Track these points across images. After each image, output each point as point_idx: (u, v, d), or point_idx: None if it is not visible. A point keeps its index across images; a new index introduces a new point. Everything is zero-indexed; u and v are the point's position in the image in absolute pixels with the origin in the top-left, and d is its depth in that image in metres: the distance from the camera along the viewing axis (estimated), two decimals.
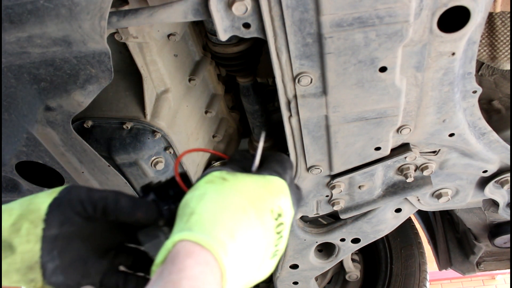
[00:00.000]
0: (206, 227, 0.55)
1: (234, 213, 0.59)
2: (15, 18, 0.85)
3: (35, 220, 0.63)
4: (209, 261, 0.52)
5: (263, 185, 0.65)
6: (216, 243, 0.53)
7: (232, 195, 0.61)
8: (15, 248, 0.62)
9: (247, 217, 0.60)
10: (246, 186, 0.64)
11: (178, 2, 0.89)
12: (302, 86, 1.03)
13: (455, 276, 4.76)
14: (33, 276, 0.63)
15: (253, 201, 0.62)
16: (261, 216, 0.61)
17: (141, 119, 1.34)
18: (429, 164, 1.36)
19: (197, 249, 0.52)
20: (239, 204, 0.60)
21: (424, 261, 2.51)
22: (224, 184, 0.63)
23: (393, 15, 0.87)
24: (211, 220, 0.57)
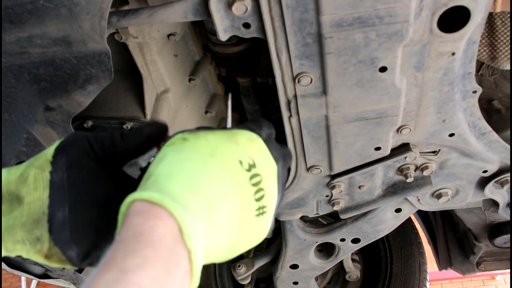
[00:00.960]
0: (161, 186, 0.51)
1: (193, 166, 0.54)
2: (15, 18, 0.85)
3: (42, 164, 0.59)
4: (160, 215, 0.47)
5: (227, 138, 0.60)
6: (168, 196, 0.48)
7: (191, 151, 0.57)
8: (22, 199, 0.57)
9: (208, 168, 0.55)
10: (208, 141, 0.59)
11: (178, 2, 0.89)
12: (302, 86, 1.03)
13: (455, 276, 4.76)
14: (38, 233, 0.56)
15: (215, 153, 0.57)
16: (226, 167, 0.56)
17: (141, 119, 1.34)
18: (429, 164, 1.36)
19: (147, 206, 0.47)
20: (198, 158, 0.56)
21: (424, 261, 2.51)
22: (184, 143, 0.59)
23: (393, 15, 0.87)
24: (166, 177, 0.52)
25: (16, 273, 2.22)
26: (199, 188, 0.52)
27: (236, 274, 2.01)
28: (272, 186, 0.61)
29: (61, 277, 2.18)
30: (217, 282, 2.59)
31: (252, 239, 0.61)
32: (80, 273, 2.09)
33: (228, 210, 0.54)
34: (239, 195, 0.56)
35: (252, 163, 0.59)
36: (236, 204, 0.56)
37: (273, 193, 0.62)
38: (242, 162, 0.58)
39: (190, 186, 0.52)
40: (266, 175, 0.60)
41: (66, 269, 2.03)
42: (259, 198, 0.59)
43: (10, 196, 0.58)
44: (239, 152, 0.59)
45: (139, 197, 0.48)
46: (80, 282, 2.22)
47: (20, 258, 1.96)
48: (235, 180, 0.56)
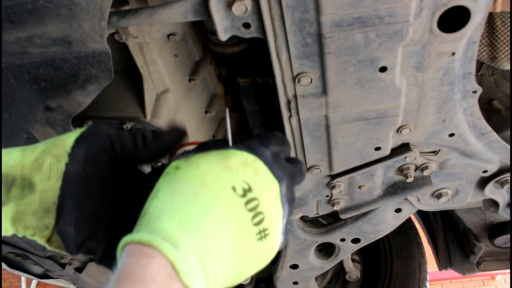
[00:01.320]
0: (152, 225, 0.51)
1: (184, 200, 0.54)
2: (15, 18, 0.85)
3: (59, 154, 0.59)
4: (152, 254, 0.48)
5: (219, 162, 0.58)
6: (158, 236, 0.49)
7: (182, 183, 0.56)
8: (35, 186, 0.58)
9: (198, 200, 0.54)
10: (199, 168, 0.57)
11: (178, 2, 0.89)
12: (302, 86, 1.03)
13: (455, 276, 4.76)
14: (48, 221, 0.59)
15: (206, 183, 0.55)
16: (218, 196, 0.55)
17: (141, 119, 1.34)
18: (429, 164, 1.36)
19: (138, 247, 0.48)
20: (189, 189, 0.55)
21: (424, 261, 2.51)
22: (176, 173, 0.57)
23: (393, 15, 0.87)
24: (158, 215, 0.52)
25: (16, 273, 2.22)
26: (190, 223, 0.52)
27: None
28: (273, 207, 0.59)
29: (61, 277, 2.18)
30: None
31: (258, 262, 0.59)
32: (80, 273, 2.09)
33: (223, 240, 0.53)
34: (234, 223, 0.55)
35: (247, 188, 0.57)
36: (232, 232, 0.55)
37: (275, 214, 0.59)
38: (236, 188, 0.56)
39: (181, 222, 0.52)
40: (265, 198, 0.58)
41: (66, 269, 2.03)
42: (258, 222, 0.57)
43: (23, 181, 0.58)
44: (232, 177, 0.57)
45: (131, 239, 0.49)
46: (80, 282, 2.22)
47: (20, 258, 1.96)
48: (228, 209, 0.55)
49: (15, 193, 0.58)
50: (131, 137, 0.66)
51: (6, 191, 0.58)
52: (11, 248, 1.79)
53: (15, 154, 0.60)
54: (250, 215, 0.56)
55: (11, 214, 0.58)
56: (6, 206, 0.58)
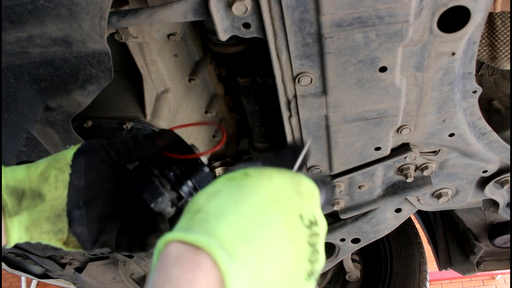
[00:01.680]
0: (210, 226, 0.47)
1: (250, 209, 0.50)
2: (15, 18, 0.85)
3: (62, 166, 0.66)
4: (202, 264, 0.43)
5: (292, 184, 0.55)
6: (215, 242, 0.44)
7: (251, 192, 0.52)
8: (44, 196, 0.64)
9: (266, 215, 0.50)
10: (272, 183, 0.54)
11: (178, 2, 0.89)
12: (302, 86, 1.03)
13: (455, 276, 4.76)
14: (61, 226, 0.65)
15: (277, 200, 0.52)
16: (286, 218, 0.51)
17: (141, 119, 1.34)
18: (429, 164, 1.36)
19: (189, 253, 0.43)
20: (258, 202, 0.51)
21: (424, 261, 2.51)
22: (245, 180, 0.54)
23: (393, 15, 0.87)
24: (218, 218, 0.48)
25: (16, 273, 2.22)
26: (253, 236, 0.47)
27: None
28: (323, 250, 0.56)
29: (61, 277, 2.18)
30: None
31: None
32: (80, 273, 2.09)
33: (279, 265, 0.49)
34: (294, 251, 0.51)
35: (314, 221, 0.54)
36: (290, 261, 0.50)
37: (324, 258, 0.56)
38: (303, 217, 0.53)
39: (243, 232, 0.47)
40: (323, 235, 0.55)
41: (66, 269, 2.03)
42: (314, 261, 0.53)
43: (32, 193, 0.64)
44: (302, 205, 0.54)
45: (181, 238, 0.44)
46: (80, 282, 2.22)
47: (20, 258, 1.97)
48: (293, 236, 0.51)
49: (27, 203, 0.64)
50: (123, 143, 0.71)
51: (18, 202, 0.63)
52: (11, 248, 1.79)
53: (20, 170, 0.66)
54: (310, 250, 0.53)
55: (26, 223, 0.64)
56: (20, 215, 0.63)
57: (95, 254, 1.97)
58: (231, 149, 1.88)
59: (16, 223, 0.63)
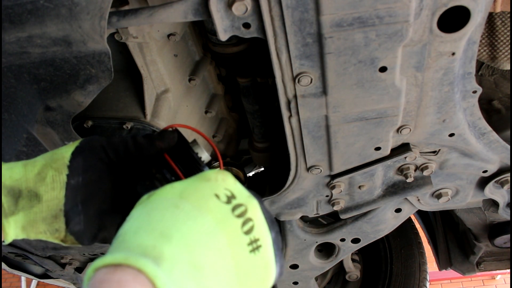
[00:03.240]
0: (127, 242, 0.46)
1: (163, 213, 0.49)
2: (15, 18, 0.85)
3: (60, 167, 0.64)
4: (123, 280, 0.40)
5: (195, 179, 0.56)
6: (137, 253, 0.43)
7: (158, 201, 0.53)
8: (41, 197, 0.63)
9: (180, 211, 0.50)
10: (174, 187, 0.55)
11: (178, 2, 0.89)
12: (302, 86, 1.03)
13: (455, 276, 4.76)
14: (57, 226, 0.64)
15: (186, 195, 0.52)
16: (201, 204, 0.51)
17: (141, 119, 1.34)
18: (429, 164, 1.36)
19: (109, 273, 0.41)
20: (167, 204, 0.51)
21: (424, 261, 2.51)
22: (150, 197, 0.55)
23: (393, 15, 0.87)
24: (134, 232, 0.47)
25: (16, 273, 2.22)
26: (173, 232, 0.47)
27: None
28: (259, 216, 0.55)
29: (61, 277, 2.18)
30: None
31: (256, 281, 0.53)
32: (80, 273, 2.09)
33: (215, 249, 0.48)
34: (224, 230, 0.50)
35: (231, 195, 0.54)
36: (224, 241, 0.50)
37: (263, 224, 0.55)
38: (219, 195, 0.53)
39: (163, 233, 0.46)
40: (250, 204, 0.54)
41: (66, 269, 2.03)
42: (249, 230, 0.52)
43: (29, 193, 0.63)
44: (212, 187, 0.54)
45: (100, 264, 0.42)
46: (80, 282, 2.22)
47: (20, 258, 1.97)
48: (215, 215, 0.51)
49: (23, 204, 0.63)
50: (122, 143, 0.69)
51: (14, 202, 0.63)
52: (11, 248, 1.79)
53: (17, 169, 0.64)
54: (240, 221, 0.52)
55: (22, 223, 0.63)
56: (16, 215, 0.63)
57: (95, 254, 1.97)
58: (231, 149, 1.88)
59: (12, 223, 0.62)
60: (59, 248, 1.81)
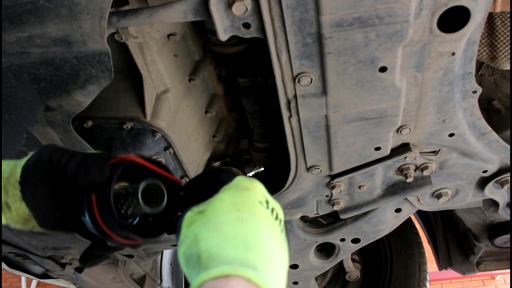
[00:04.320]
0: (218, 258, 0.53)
1: (233, 228, 0.57)
2: (15, 18, 0.85)
3: (14, 183, 0.70)
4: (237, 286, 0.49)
5: (235, 190, 0.65)
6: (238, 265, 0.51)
7: (218, 217, 0.60)
8: (10, 206, 0.70)
9: (245, 224, 0.58)
10: (223, 201, 0.62)
11: (178, 2, 0.89)
12: (302, 86, 1.03)
13: (455, 276, 4.76)
14: (31, 225, 0.71)
15: (239, 207, 0.61)
16: (256, 214, 0.61)
17: (141, 119, 1.34)
18: (429, 164, 1.36)
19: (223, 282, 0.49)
20: (230, 218, 0.59)
21: (424, 261, 2.51)
22: (205, 214, 0.61)
23: (393, 15, 0.87)
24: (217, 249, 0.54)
25: (16, 273, 2.22)
26: (253, 244, 0.55)
27: None
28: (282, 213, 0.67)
29: (61, 277, 2.18)
30: None
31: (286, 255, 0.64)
32: (80, 273, 2.09)
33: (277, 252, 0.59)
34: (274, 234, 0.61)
35: (267, 200, 0.65)
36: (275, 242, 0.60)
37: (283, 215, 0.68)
38: (262, 202, 0.63)
39: (246, 246, 0.55)
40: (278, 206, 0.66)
41: (66, 269, 2.03)
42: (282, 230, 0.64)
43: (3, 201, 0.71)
44: (254, 195, 0.64)
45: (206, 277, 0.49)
46: (80, 282, 2.22)
47: (20, 258, 1.96)
48: (267, 222, 0.61)
49: None
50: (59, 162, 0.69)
51: None
52: (11, 248, 1.79)
53: None
54: (278, 222, 0.64)
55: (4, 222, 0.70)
56: None
57: None
58: (231, 149, 1.88)
59: None
60: (59, 248, 1.81)
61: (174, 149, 1.42)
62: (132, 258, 1.95)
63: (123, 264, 2.06)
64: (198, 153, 1.63)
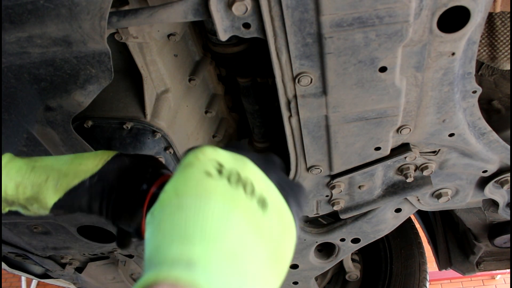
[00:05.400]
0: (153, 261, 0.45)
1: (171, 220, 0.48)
2: (15, 18, 0.85)
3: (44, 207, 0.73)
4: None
5: (179, 172, 0.54)
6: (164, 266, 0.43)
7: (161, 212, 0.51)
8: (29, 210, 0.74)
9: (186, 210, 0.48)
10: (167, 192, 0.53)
11: (178, 2, 0.89)
12: (302, 86, 1.03)
13: (455, 276, 4.77)
14: None
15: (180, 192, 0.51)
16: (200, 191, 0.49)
17: (141, 119, 1.34)
18: (429, 164, 1.36)
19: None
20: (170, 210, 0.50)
21: (424, 261, 2.51)
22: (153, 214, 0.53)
23: (393, 15, 0.87)
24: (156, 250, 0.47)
25: (16, 273, 2.22)
26: (192, 232, 0.45)
27: None
28: (253, 171, 0.54)
29: (61, 277, 2.19)
30: None
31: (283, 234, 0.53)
32: (80, 273, 2.09)
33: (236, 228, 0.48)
34: (234, 205, 0.49)
35: (219, 166, 0.52)
36: (239, 216, 0.49)
37: (259, 176, 0.54)
38: (210, 172, 0.51)
39: (183, 237, 0.45)
40: (240, 164, 0.53)
41: (66, 269, 2.04)
42: (252, 191, 0.51)
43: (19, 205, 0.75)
44: (199, 168, 0.52)
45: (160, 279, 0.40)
46: (80, 282, 2.22)
47: (20, 258, 1.97)
48: (217, 195, 0.49)
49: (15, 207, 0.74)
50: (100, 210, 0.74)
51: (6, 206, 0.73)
52: (11, 248, 1.79)
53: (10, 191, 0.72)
54: (240, 188, 0.51)
55: None
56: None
57: (95, 254, 1.97)
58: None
59: None
60: (59, 248, 1.81)
61: (174, 149, 1.42)
62: (132, 258, 1.95)
63: (123, 264, 2.06)
64: None
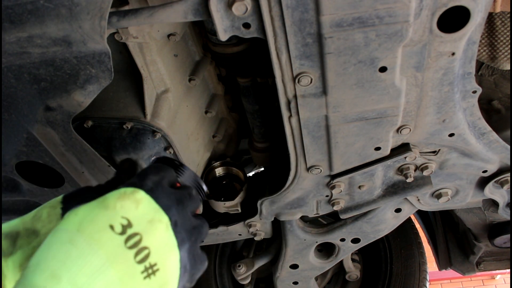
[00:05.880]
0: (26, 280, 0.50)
1: (58, 249, 0.53)
2: (15, 18, 0.85)
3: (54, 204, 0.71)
4: None
5: (97, 204, 0.59)
6: None
7: (60, 231, 0.56)
8: (38, 232, 0.68)
9: (73, 247, 0.53)
10: (77, 215, 0.58)
11: (178, 2, 0.89)
12: (302, 86, 1.03)
13: (455, 276, 4.77)
14: None
15: (82, 228, 0.55)
16: (94, 239, 0.54)
17: (141, 119, 1.34)
18: (429, 164, 1.36)
19: None
20: (65, 237, 0.54)
21: (424, 261, 2.51)
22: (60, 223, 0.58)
23: (393, 15, 0.87)
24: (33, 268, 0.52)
25: None
26: (63, 273, 0.50)
27: (236, 274, 2.01)
28: (160, 239, 0.59)
29: None
30: (217, 282, 2.59)
31: None
32: None
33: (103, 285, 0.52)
34: (115, 265, 0.54)
35: (127, 223, 0.57)
36: (113, 275, 0.53)
37: (164, 245, 0.59)
38: (114, 226, 0.56)
39: (54, 273, 0.50)
40: (148, 231, 0.58)
41: None
42: (143, 259, 0.56)
43: (27, 232, 0.68)
44: (109, 216, 0.57)
45: None
46: None
47: None
48: (106, 250, 0.54)
49: (21, 242, 0.67)
50: None
51: (12, 243, 0.67)
52: None
53: (14, 222, 0.70)
54: (132, 252, 0.55)
55: (19, 261, 0.66)
56: (14, 255, 0.66)
57: None
58: (231, 149, 1.88)
59: (10, 264, 0.65)
60: None
61: (174, 149, 1.42)
62: None
63: None
64: (198, 153, 1.63)
